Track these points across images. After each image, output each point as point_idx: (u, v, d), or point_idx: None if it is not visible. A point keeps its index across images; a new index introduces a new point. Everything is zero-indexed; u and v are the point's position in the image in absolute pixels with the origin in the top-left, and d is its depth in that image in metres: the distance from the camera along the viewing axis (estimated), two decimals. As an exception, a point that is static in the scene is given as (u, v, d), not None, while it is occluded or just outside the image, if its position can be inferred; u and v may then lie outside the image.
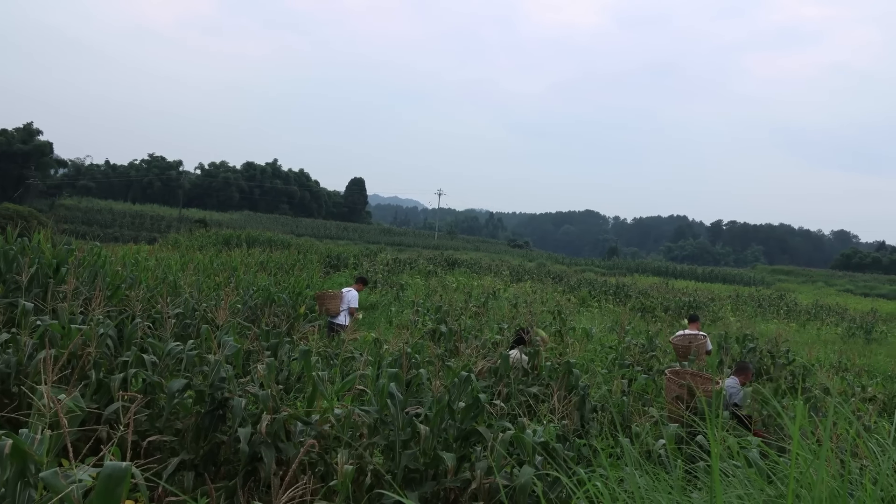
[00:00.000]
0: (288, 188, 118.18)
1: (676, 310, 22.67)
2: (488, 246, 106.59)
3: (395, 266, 28.06)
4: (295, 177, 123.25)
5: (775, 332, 14.75)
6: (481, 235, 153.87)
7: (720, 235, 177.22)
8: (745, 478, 2.60)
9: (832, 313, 31.10)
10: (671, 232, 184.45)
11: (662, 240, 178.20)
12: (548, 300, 20.05)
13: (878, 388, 10.77)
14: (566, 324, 13.29)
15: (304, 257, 23.15)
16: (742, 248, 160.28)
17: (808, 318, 27.80)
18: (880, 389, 10.49)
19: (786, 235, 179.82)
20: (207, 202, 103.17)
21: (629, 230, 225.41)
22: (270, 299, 11.39)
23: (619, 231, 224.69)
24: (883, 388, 11.08)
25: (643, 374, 8.32)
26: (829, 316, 29.43)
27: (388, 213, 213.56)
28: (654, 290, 31.46)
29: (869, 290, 71.10)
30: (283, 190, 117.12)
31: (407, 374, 5.92)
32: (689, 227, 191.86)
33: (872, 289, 73.04)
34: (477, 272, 32.63)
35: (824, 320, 27.19)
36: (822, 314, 29.94)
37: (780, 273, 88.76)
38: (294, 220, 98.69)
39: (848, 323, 25.25)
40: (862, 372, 13.39)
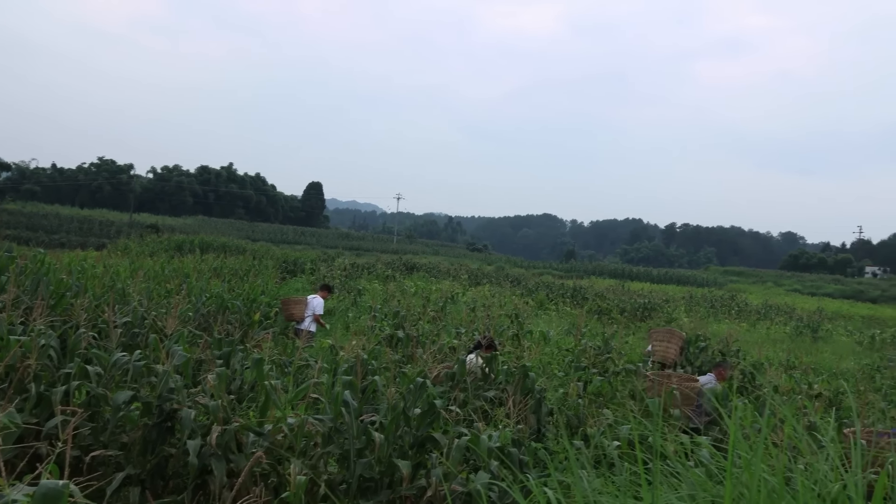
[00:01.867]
0: (244, 193, 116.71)
1: (632, 311, 22.95)
2: (447, 250, 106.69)
3: (352, 271, 27.85)
4: (251, 181, 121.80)
5: (727, 332, 15.03)
6: (440, 239, 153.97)
7: (674, 238, 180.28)
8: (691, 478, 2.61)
9: (781, 313, 31.85)
10: (627, 235, 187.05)
11: (619, 242, 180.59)
12: (506, 304, 20.11)
13: (824, 384, 11.06)
14: (523, 327, 13.35)
15: (259, 263, 22.83)
16: (695, 250, 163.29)
17: (758, 317, 28.43)
18: (825, 386, 10.76)
19: (736, 237, 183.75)
20: (160, 207, 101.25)
21: (586, 233, 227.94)
22: (224, 306, 11.18)
23: (576, 234, 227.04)
24: (828, 384, 11.37)
25: (598, 377, 8.37)
26: (777, 315, 30.14)
27: (347, 218, 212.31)
28: (610, 293, 31.83)
29: (815, 290, 73.11)
30: (239, 194, 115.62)
31: (362, 381, 5.86)
32: (645, 229, 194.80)
33: (819, 288, 75.11)
34: (435, 276, 32.60)
35: (773, 320, 27.83)
36: (771, 314, 30.63)
37: (732, 274, 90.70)
38: (250, 225, 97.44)
39: (795, 322, 25.89)
40: (808, 369, 13.72)
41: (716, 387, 7.66)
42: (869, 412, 8.61)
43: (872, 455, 3.93)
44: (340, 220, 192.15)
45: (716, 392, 7.27)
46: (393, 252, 73.00)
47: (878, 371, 14.93)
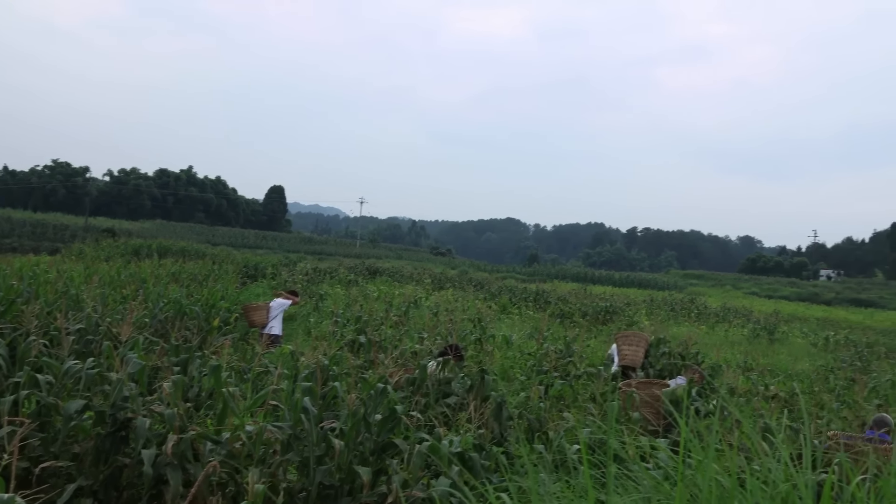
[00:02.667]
0: (204, 196, 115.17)
1: (594, 315, 23.15)
2: (411, 254, 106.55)
3: (314, 275, 27.61)
4: (211, 184, 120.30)
5: (686, 335, 15.24)
6: (404, 243, 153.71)
7: (635, 242, 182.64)
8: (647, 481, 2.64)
9: (739, 315, 32.42)
10: (589, 239, 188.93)
11: (581, 246, 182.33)
12: (469, 308, 20.13)
13: (780, 386, 11.29)
14: (486, 332, 13.38)
15: (219, 268, 22.51)
16: (656, 253, 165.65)
17: (716, 320, 28.90)
18: (781, 387, 10.98)
19: (696, 241, 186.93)
20: (117, 210, 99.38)
21: (549, 237, 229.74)
22: (182, 312, 10.99)
23: (539, 238, 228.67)
24: (784, 386, 11.61)
25: (560, 380, 8.42)
26: (736, 318, 30.66)
27: (309, 222, 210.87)
28: (572, 296, 32.06)
29: (772, 293, 74.78)
30: (199, 198, 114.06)
31: (323, 388, 5.80)
32: (607, 233, 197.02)
33: (775, 291, 76.85)
34: (399, 280, 32.49)
35: (732, 322, 28.31)
36: (729, 316, 31.17)
37: (692, 277, 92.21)
38: (210, 229, 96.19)
39: (753, 324, 26.38)
40: (765, 371, 14.00)
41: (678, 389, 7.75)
42: (822, 413, 8.81)
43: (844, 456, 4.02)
44: (303, 224, 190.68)
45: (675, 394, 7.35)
46: (356, 256, 72.72)
47: (831, 372, 15.28)
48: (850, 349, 21.60)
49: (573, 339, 12.16)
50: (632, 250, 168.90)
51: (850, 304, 66.87)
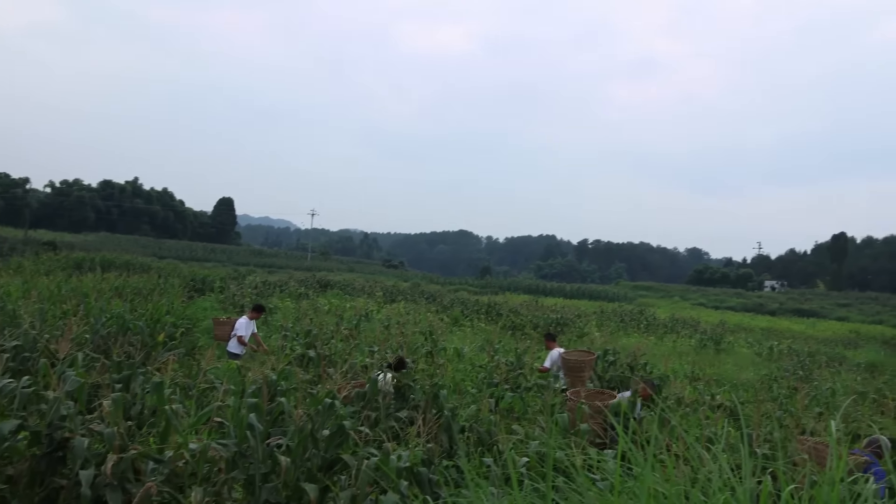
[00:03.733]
0: (150, 208, 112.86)
1: (545, 327, 23.33)
2: (363, 266, 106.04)
3: (264, 289, 27.23)
4: (158, 196, 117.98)
5: (635, 346, 15.47)
6: (356, 256, 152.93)
7: (586, 254, 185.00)
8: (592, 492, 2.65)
9: (687, 326, 33.04)
10: (541, 251, 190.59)
11: (533, 258, 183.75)
12: (420, 321, 20.10)
13: (726, 395, 11.52)
14: (437, 344, 13.36)
15: (165, 281, 22.03)
16: (607, 265, 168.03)
17: (665, 331, 29.38)
18: (727, 397, 11.20)
19: (645, 253, 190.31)
20: (58, 223, 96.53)
21: (502, 249, 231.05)
22: (125, 328, 10.71)
23: (492, 250, 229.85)
24: (729, 395, 11.85)
25: (510, 393, 8.45)
26: (683, 328, 31.24)
27: (259, 234, 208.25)
28: (524, 308, 32.27)
29: (719, 304, 76.45)
30: (145, 210, 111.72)
31: (270, 403, 5.71)
32: (558, 246, 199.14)
33: (722, 302, 78.58)
34: (350, 294, 32.27)
35: (680, 333, 28.82)
36: (677, 327, 31.73)
37: (641, 289, 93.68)
38: (157, 241, 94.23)
39: (700, 335, 26.89)
40: (711, 381, 14.27)
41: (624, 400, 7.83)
42: (766, 422, 9.01)
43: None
44: (253, 236, 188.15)
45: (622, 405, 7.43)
46: (307, 269, 72.02)
47: (775, 381, 15.66)
48: (792, 358, 22.19)
49: (524, 352, 12.22)
50: (583, 262, 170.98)
51: (794, 315, 68.74)
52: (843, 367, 21.69)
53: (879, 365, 23.98)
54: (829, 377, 17.69)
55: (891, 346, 38.79)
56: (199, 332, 14.42)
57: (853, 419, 10.77)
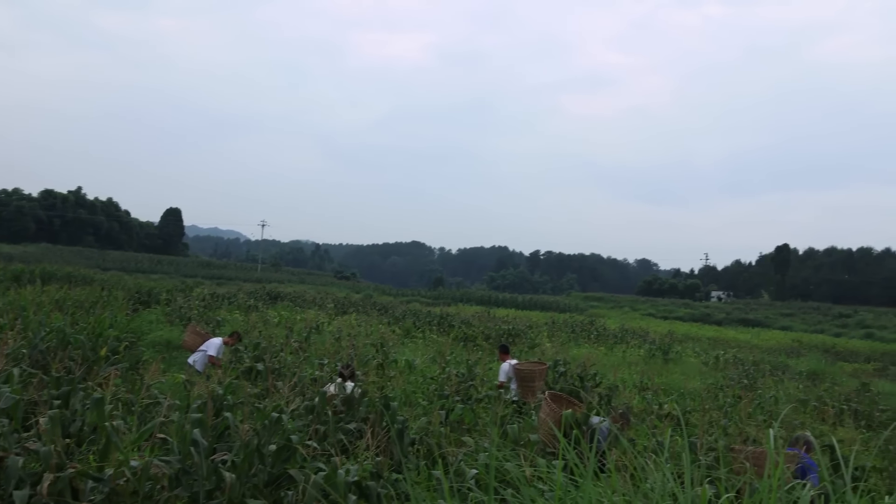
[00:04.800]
0: (94, 218, 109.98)
1: (497, 338, 23.42)
2: (314, 278, 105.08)
3: (212, 301, 26.71)
4: (102, 206, 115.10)
5: (585, 356, 15.63)
6: (307, 267, 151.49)
7: (538, 265, 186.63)
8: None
9: (636, 336, 33.53)
10: (494, 262, 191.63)
11: (486, 269, 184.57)
12: (372, 332, 19.97)
13: (673, 405, 11.71)
14: (389, 356, 13.29)
15: (108, 294, 21.44)
16: (558, 276, 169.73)
17: (615, 341, 29.76)
18: (674, 406, 11.39)
19: (596, 264, 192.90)
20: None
21: (454, 260, 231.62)
22: (66, 342, 10.38)
23: (444, 261, 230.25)
24: (677, 404, 12.05)
25: (461, 404, 8.44)
26: (633, 339, 31.69)
27: (208, 245, 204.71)
28: (476, 319, 32.32)
29: (668, 314, 77.88)
30: (89, 220, 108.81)
31: (215, 418, 5.59)
32: (510, 257, 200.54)
33: (671, 312, 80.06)
34: (301, 305, 31.88)
35: (629, 343, 29.23)
36: (627, 337, 32.18)
37: (592, 299, 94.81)
38: (101, 253, 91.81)
39: (649, 345, 27.31)
40: (659, 390, 14.50)
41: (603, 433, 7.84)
42: (711, 430, 9.17)
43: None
44: (201, 247, 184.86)
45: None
46: (257, 281, 71.00)
47: (720, 390, 15.97)
48: (738, 367, 22.71)
49: (475, 363, 12.23)
50: (535, 273, 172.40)
51: (739, 324, 70.39)
52: (786, 376, 22.29)
53: (820, 373, 24.72)
54: (773, 385, 18.16)
55: (831, 355, 40.02)
56: (144, 345, 14.08)
57: (795, 426, 11.06)
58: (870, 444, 10.65)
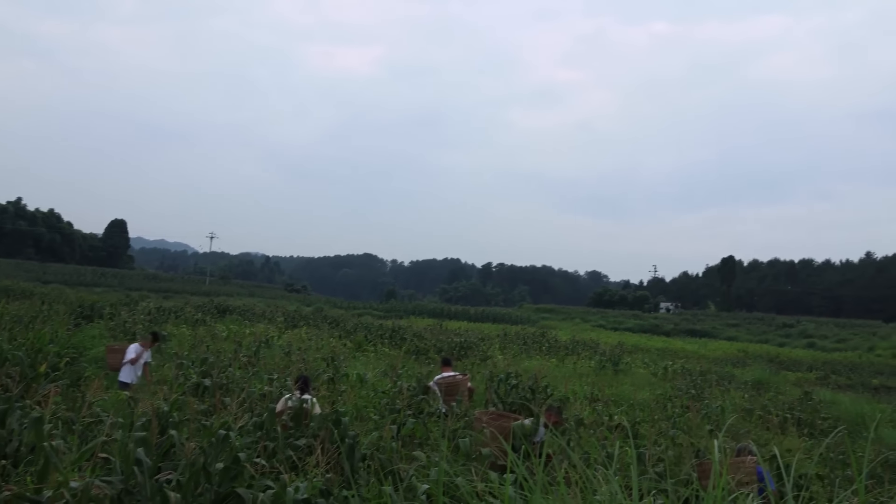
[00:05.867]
0: (34, 230, 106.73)
1: (448, 351, 23.40)
2: (264, 291, 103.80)
3: (158, 315, 26.10)
4: (43, 217, 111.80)
5: (536, 368, 15.72)
6: (257, 280, 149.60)
7: (491, 277, 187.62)
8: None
9: (587, 348, 33.87)
10: (446, 274, 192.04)
11: (438, 282, 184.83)
12: (323, 346, 19.76)
13: (623, 416, 11.85)
14: (339, 370, 13.16)
15: (49, 308, 20.77)
16: (510, 288, 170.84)
17: (566, 353, 29.99)
18: (624, 417, 11.53)
19: (547, 276, 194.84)
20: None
21: (407, 273, 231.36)
22: (2, 358, 10.00)
23: (397, 274, 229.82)
24: (626, 415, 12.20)
25: (412, 419, 8.38)
26: (584, 350, 31.99)
27: (155, 258, 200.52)
28: (428, 332, 32.27)
29: (618, 325, 79.04)
30: (29, 232, 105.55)
31: (160, 436, 5.45)
32: (463, 269, 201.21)
33: (620, 323, 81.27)
34: (250, 319, 31.38)
35: (580, 354, 29.49)
36: (578, 349, 32.47)
37: (544, 311, 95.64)
38: (41, 266, 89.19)
39: (599, 356, 27.59)
40: (610, 401, 14.65)
41: (540, 432, 7.89)
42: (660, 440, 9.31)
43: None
44: (147, 260, 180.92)
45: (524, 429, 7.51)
46: (205, 294, 69.79)
47: (669, 400, 16.22)
48: (686, 378, 23.11)
49: (426, 376, 12.19)
50: (487, 285, 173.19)
51: (687, 335, 71.88)
52: (732, 386, 22.79)
53: (765, 382, 25.34)
54: (720, 395, 18.52)
55: (775, 364, 41.14)
56: (87, 361, 13.65)
57: (741, 436, 11.30)
58: (812, 451, 10.93)
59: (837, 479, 8.32)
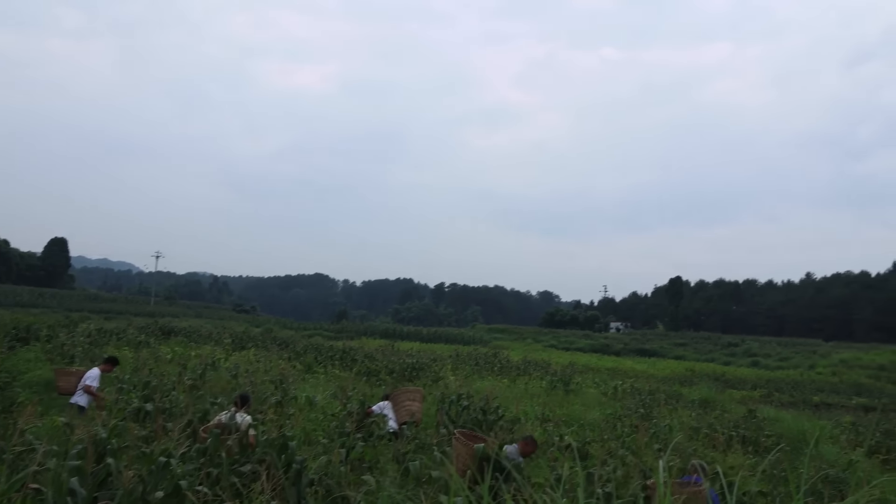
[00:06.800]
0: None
1: (401, 372, 23.22)
2: (211, 312, 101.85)
3: (98, 337, 25.27)
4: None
5: (488, 389, 15.69)
6: (204, 301, 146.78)
7: (443, 297, 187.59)
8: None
9: (538, 368, 34.03)
10: (399, 294, 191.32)
11: (391, 302, 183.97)
12: (271, 368, 19.40)
13: (573, 436, 11.89)
14: (288, 393, 12.91)
15: (-19, 330, 19.98)
16: (463, 308, 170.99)
17: (518, 373, 30.06)
18: (574, 437, 11.56)
19: (500, 296, 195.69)
20: None
21: (359, 293, 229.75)
22: (-71, 384, 9.54)
23: (349, 294, 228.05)
24: (576, 435, 12.24)
25: (362, 442, 8.25)
26: (535, 370, 32.12)
27: (97, 278, 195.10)
28: (380, 353, 32.01)
29: (569, 345, 79.70)
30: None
31: (97, 465, 5.23)
32: (416, 289, 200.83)
33: (572, 343, 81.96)
34: (196, 341, 30.66)
35: (532, 375, 29.59)
36: (529, 369, 32.60)
37: (496, 332, 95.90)
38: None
39: (551, 376, 27.72)
40: (560, 422, 14.70)
41: (518, 460, 7.85)
42: (610, 460, 9.34)
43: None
44: (89, 279, 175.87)
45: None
46: (149, 315, 68.05)
47: (619, 420, 16.35)
48: (635, 397, 23.35)
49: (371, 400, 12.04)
50: (440, 306, 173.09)
51: (636, 354, 72.93)
52: (680, 404, 23.11)
53: (711, 401, 25.77)
54: (668, 414, 18.75)
55: (721, 383, 41.98)
56: (20, 386, 13.12)
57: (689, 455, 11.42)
58: (756, 468, 11.11)
59: (779, 496, 8.47)
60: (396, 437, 9.87)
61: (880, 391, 48.47)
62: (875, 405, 34.59)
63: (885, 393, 47.15)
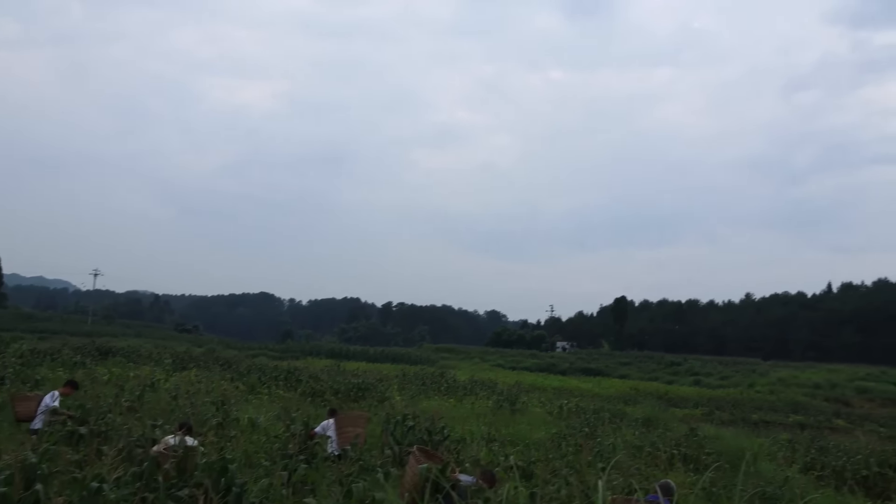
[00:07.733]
0: None
1: (346, 392, 22.99)
2: (152, 331, 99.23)
3: (31, 358, 24.36)
4: None
5: (434, 409, 15.65)
6: (145, 320, 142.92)
7: (391, 316, 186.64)
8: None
9: (485, 387, 34.10)
10: (346, 314, 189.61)
11: (337, 322, 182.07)
12: (213, 389, 18.98)
13: (518, 456, 11.93)
14: (230, 415, 12.64)
15: None
16: (410, 328, 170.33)
17: (464, 393, 30.08)
18: (519, 457, 11.60)
19: (447, 316, 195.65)
20: None
21: (305, 312, 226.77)
22: None
23: (295, 313, 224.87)
24: (522, 455, 12.28)
25: (305, 464, 8.12)
26: (482, 390, 32.18)
27: (31, 296, 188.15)
28: (325, 374, 31.65)
29: (516, 364, 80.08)
30: None
31: (25, 491, 5.02)
32: (363, 308, 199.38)
33: (519, 363, 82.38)
34: (135, 361, 29.80)
35: (478, 394, 29.64)
36: (476, 389, 32.64)
37: (444, 351, 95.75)
38: None
39: (497, 396, 27.81)
40: (506, 441, 14.74)
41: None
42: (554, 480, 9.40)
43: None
44: (23, 298, 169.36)
45: None
46: (86, 335, 65.85)
47: (563, 439, 16.47)
48: (580, 416, 23.60)
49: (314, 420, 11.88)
50: (387, 325, 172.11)
51: (582, 374, 73.67)
52: (624, 423, 23.43)
53: (654, 419, 26.20)
54: (612, 433, 18.98)
55: (664, 402, 42.75)
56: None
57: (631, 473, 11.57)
58: (696, 486, 11.32)
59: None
60: (340, 459, 9.74)
61: (816, 409, 50.02)
62: (810, 422, 35.69)
63: (821, 410, 48.69)
